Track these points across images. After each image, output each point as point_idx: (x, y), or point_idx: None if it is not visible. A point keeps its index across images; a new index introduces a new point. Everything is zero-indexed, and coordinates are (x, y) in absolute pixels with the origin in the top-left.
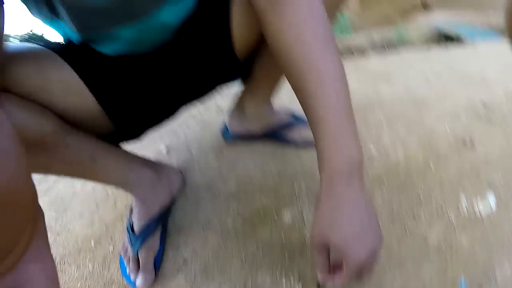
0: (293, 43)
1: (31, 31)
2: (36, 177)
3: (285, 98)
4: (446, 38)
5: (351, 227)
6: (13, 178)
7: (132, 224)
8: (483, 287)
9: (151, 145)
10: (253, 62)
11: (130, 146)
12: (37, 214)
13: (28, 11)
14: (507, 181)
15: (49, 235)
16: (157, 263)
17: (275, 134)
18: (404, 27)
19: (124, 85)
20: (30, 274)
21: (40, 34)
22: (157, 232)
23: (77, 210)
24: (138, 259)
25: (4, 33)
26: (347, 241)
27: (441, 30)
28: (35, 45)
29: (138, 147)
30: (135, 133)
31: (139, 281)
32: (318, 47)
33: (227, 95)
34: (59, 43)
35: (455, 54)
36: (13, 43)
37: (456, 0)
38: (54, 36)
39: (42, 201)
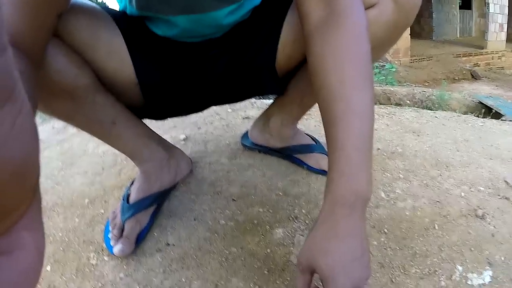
0: (331, 70)
1: None
2: (56, 127)
3: (312, 123)
4: (485, 110)
5: (342, 257)
6: (28, 151)
7: (129, 195)
8: None
9: (171, 130)
10: (290, 80)
11: (152, 125)
12: (38, 185)
13: None
14: (508, 261)
15: (49, 182)
16: (140, 238)
17: (292, 154)
18: (447, 91)
19: (165, 66)
20: (22, 241)
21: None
22: (150, 209)
23: (83, 167)
24: (124, 229)
25: None
26: (334, 269)
27: (482, 101)
28: (94, 4)
29: (159, 126)
30: (161, 114)
31: (117, 248)
32: (354, 79)
33: (259, 106)
34: (115, 10)
35: (489, 126)
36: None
37: (506, 78)
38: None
39: (54, 151)
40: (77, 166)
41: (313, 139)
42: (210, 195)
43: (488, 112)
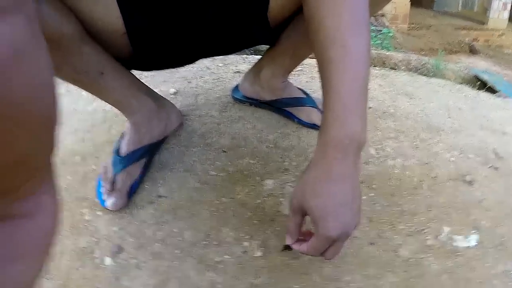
0: (328, 14)
1: None
2: None
3: (303, 79)
4: (480, 84)
5: (333, 199)
6: (55, 107)
7: (120, 148)
8: None
9: (161, 84)
10: (282, 31)
11: (142, 80)
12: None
13: None
14: (493, 228)
15: None
16: (132, 191)
17: (283, 107)
18: (443, 61)
19: (153, 13)
20: (44, 204)
21: None
22: (141, 162)
23: (73, 126)
24: (115, 182)
25: None
26: (324, 211)
27: (478, 75)
28: None
29: (149, 82)
30: (149, 65)
31: (109, 201)
32: (351, 24)
33: (250, 61)
34: None
35: (483, 99)
36: None
37: (504, 57)
38: None
39: None
40: (67, 125)
41: (304, 93)
42: (200, 147)
43: (483, 87)
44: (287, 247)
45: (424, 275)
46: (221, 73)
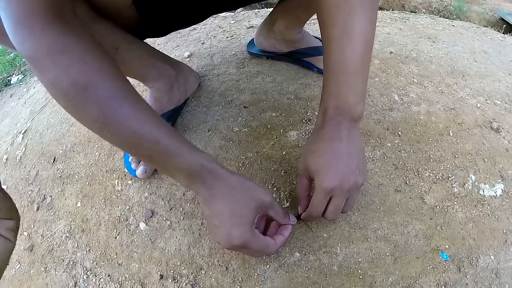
0: None
1: None
2: None
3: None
4: (506, 27)
5: (327, 154)
6: None
7: None
8: (461, 268)
9: (175, 50)
10: None
11: (155, 47)
12: None
13: None
14: None
15: (63, 126)
16: None
17: (301, 58)
18: (466, 2)
19: None
20: None
21: None
22: None
23: None
24: None
25: None
26: (319, 164)
27: (504, 17)
28: None
29: (162, 48)
30: (161, 30)
31: (139, 170)
32: (354, 2)
33: (263, 15)
34: None
35: (510, 42)
36: None
37: None
38: None
39: None
40: None
41: (321, 41)
42: (221, 105)
43: (509, 30)
44: (299, 216)
45: (450, 223)
46: (234, 30)
